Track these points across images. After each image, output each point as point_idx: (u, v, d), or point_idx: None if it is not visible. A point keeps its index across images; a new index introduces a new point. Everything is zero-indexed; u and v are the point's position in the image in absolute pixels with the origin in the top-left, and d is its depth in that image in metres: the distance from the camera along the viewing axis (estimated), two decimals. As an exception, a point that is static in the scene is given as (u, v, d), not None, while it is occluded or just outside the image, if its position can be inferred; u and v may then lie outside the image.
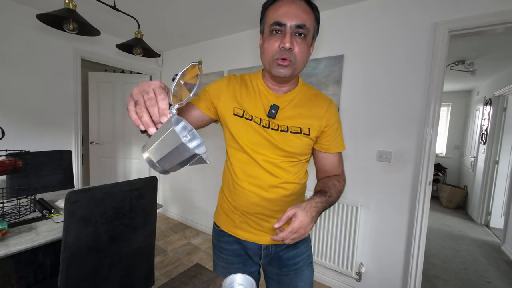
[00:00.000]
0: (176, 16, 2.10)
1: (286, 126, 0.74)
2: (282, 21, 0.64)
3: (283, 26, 0.64)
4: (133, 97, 0.43)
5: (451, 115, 4.94)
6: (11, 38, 1.97)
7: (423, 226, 1.56)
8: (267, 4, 0.70)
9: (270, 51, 0.67)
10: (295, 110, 0.75)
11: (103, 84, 3.14)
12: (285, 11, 0.64)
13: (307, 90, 0.80)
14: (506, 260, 2.52)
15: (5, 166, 1.08)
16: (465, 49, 2.61)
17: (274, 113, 0.73)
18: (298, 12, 0.64)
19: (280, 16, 0.64)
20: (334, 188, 0.74)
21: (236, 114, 0.75)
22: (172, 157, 0.40)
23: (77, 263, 0.95)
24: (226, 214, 0.83)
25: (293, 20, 0.64)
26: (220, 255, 0.86)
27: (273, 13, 0.66)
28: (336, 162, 0.81)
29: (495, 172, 3.37)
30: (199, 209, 2.86)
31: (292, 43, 0.64)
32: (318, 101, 0.78)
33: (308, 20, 0.66)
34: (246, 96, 0.77)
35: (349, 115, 1.80)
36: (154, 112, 0.40)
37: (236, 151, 0.77)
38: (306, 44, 0.68)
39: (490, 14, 1.34)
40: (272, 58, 0.68)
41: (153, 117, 0.41)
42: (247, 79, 0.81)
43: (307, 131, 0.74)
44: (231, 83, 0.80)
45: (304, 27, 0.65)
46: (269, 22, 0.67)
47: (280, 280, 0.83)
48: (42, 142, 2.20)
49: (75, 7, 1.19)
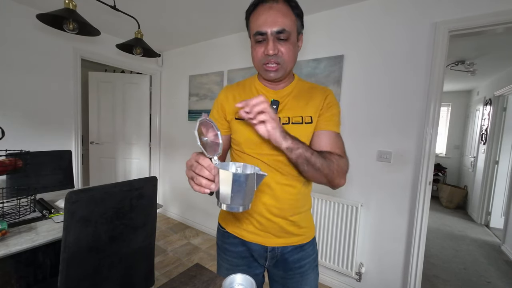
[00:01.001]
0: (176, 16, 2.10)
1: (288, 117, 0.74)
2: (262, 30, 0.67)
3: (265, 35, 0.67)
4: (188, 175, 0.54)
5: (451, 115, 4.94)
6: (11, 38, 1.97)
7: (423, 226, 1.56)
8: (249, 11, 0.73)
9: (257, 58, 0.72)
10: (295, 102, 0.77)
11: (103, 84, 3.14)
12: (264, 19, 0.67)
13: (304, 84, 0.82)
14: (506, 260, 2.52)
15: (5, 166, 1.08)
16: (465, 49, 2.61)
17: (275, 108, 0.74)
18: (276, 18, 0.66)
19: (260, 25, 0.67)
20: (322, 152, 0.68)
21: (238, 117, 0.77)
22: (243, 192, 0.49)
23: (77, 263, 0.94)
24: (231, 215, 0.83)
25: (272, 27, 0.66)
26: (224, 256, 0.86)
27: (255, 21, 0.69)
28: (332, 142, 0.74)
29: (495, 172, 3.37)
30: (199, 209, 2.86)
31: (276, 48, 0.67)
32: (316, 92, 0.79)
33: (287, 22, 0.67)
34: (245, 98, 0.78)
35: (349, 115, 1.80)
36: (204, 173, 0.50)
37: (241, 153, 0.78)
38: (291, 44, 0.69)
39: (490, 14, 1.34)
40: (260, 64, 0.72)
41: (208, 177, 0.50)
42: (244, 84, 0.84)
43: (309, 119, 0.75)
44: (229, 92, 0.83)
45: (284, 31, 0.66)
46: (253, 31, 0.70)
47: (285, 283, 0.82)
48: (42, 142, 2.20)
49: (75, 7, 1.19)
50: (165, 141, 3.19)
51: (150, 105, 3.23)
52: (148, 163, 3.32)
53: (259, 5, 0.69)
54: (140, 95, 3.19)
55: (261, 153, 0.74)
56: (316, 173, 0.66)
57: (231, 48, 2.47)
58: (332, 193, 1.87)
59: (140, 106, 3.20)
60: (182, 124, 2.95)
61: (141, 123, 3.23)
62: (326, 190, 1.88)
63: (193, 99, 2.81)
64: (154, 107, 3.22)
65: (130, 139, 3.24)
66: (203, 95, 2.71)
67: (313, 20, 1.90)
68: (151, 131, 3.26)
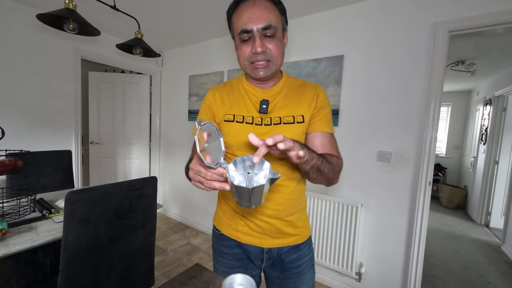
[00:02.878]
0: (176, 16, 2.10)
1: (279, 117, 0.73)
2: (248, 28, 0.65)
3: (250, 32, 0.66)
4: (194, 179, 0.56)
5: (451, 115, 4.94)
6: (11, 38, 1.97)
7: (423, 226, 1.56)
8: (230, 12, 0.71)
9: (244, 57, 0.70)
10: (285, 101, 0.76)
11: (103, 84, 3.14)
12: (249, 17, 0.65)
13: (294, 81, 0.81)
14: (506, 260, 2.52)
15: (5, 166, 1.08)
16: (465, 49, 2.61)
17: (265, 108, 0.73)
18: (261, 14, 0.65)
19: (245, 23, 0.65)
20: (326, 157, 0.69)
21: (227, 120, 0.76)
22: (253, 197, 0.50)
23: (77, 263, 0.94)
24: (226, 217, 0.83)
25: (258, 24, 0.64)
26: (220, 259, 0.85)
27: (238, 20, 0.67)
28: (326, 143, 0.75)
29: (495, 172, 3.36)
30: (199, 209, 2.86)
31: (264, 45, 0.66)
32: (305, 89, 0.78)
33: (272, 18, 0.66)
34: (234, 99, 0.78)
35: (349, 115, 1.80)
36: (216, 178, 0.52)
37: (232, 155, 0.77)
38: (278, 40, 0.69)
39: (490, 14, 1.34)
40: (248, 62, 0.70)
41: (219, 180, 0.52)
42: (232, 84, 0.83)
43: (301, 118, 0.74)
44: (217, 93, 0.81)
45: (271, 27, 0.65)
46: (237, 30, 0.68)
47: (282, 283, 0.82)
48: (42, 142, 2.20)
49: (75, 7, 1.19)
50: (165, 141, 3.19)
51: (150, 105, 3.23)
52: (148, 163, 3.32)
53: (241, 3, 0.67)
54: (140, 95, 3.19)
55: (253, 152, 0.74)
56: (321, 178, 0.68)
57: (231, 48, 2.47)
58: (332, 193, 1.87)
59: (140, 106, 3.20)
60: (182, 124, 2.95)
61: (141, 123, 3.23)
62: (326, 190, 1.88)
63: (193, 99, 2.81)
64: (154, 107, 3.22)
65: (130, 139, 3.24)
66: (203, 95, 2.71)
67: (313, 20, 1.90)
68: (151, 131, 3.26)
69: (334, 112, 1.82)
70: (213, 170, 0.51)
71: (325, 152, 0.76)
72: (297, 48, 1.99)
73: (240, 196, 0.49)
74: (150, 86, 3.20)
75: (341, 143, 1.91)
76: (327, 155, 0.71)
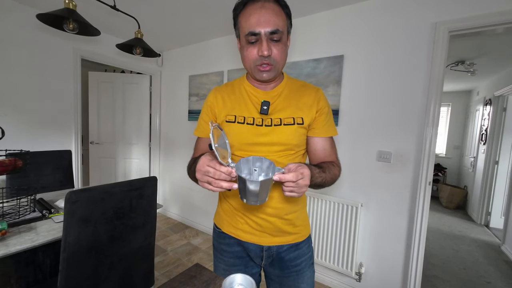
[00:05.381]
0: (176, 16, 2.10)
1: (279, 119, 0.74)
2: (256, 31, 0.65)
3: (258, 35, 0.66)
4: (202, 180, 0.57)
5: (451, 115, 4.94)
6: (11, 38, 1.97)
7: (423, 226, 1.56)
8: (237, 11, 0.71)
9: (250, 58, 0.70)
10: (286, 102, 0.77)
11: (103, 84, 3.14)
12: (257, 19, 0.65)
13: (294, 82, 0.82)
14: (506, 260, 2.52)
15: (5, 166, 1.08)
16: (465, 49, 2.61)
17: (266, 109, 0.74)
18: (270, 18, 0.65)
19: (253, 26, 0.65)
20: (328, 168, 0.73)
21: (228, 120, 0.77)
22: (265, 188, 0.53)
23: (77, 263, 0.94)
24: (226, 215, 0.83)
25: (266, 27, 0.65)
26: (221, 257, 0.86)
27: (246, 21, 0.67)
28: (328, 148, 0.79)
29: (495, 172, 3.36)
30: (199, 209, 2.86)
31: (270, 49, 0.67)
32: (306, 90, 0.80)
33: (280, 22, 0.66)
34: (235, 100, 0.79)
35: (349, 115, 1.80)
36: (224, 177, 0.55)
37: (233, 155, 0.78)
38: (283, 44, 0.69)
39: (490, 14, 1.34)
40: (253, 65, 0.70)
41: (226, 179, 0.55)
42: (233, 84, 0.84)
43: (300, 120, 0.75)
44: (218, 94, 0.82)
45: (278, 32, 0.66)
46: (244, 31, 0.68)
47: (282, 281, 0.82)
48: (42, 142, 2.20)
49: (75, 7, 1.19)
50: (165, 141, 3.19)
51: (150, 105, 3.23)
52: (148, 163, 3.32)
53: (249, 4, 0.67)
54: (140, 95, 3.19)
55: (254, 152, 0.75)
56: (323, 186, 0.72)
57: (231, 48, 2.47)
58: (332, 193, 1.87)
59: (140, 106, 3.20)
60: (182, 124, 2.95)
61: (141, 123, 3.23)
62: (326, 190, 1.88)
63: (193, 99, 2.81)
64: (154, 107, 3.22)
65: (130, 139, 3.24)
66: (203, 95, 2.71)
67: (313, 20, 1.90)
68: (151, 131, 3.26)
69: (334, 112, 1.82)
70: (222, 169, 0.54)
71: (326, 156, 0.79)
72: (297, 48, 1.98)
73: (248, 192, 0.52)
74: (150, 86, 3.20)
75: (341, 143, 1.92)
76: (329, 166, 0.74)
